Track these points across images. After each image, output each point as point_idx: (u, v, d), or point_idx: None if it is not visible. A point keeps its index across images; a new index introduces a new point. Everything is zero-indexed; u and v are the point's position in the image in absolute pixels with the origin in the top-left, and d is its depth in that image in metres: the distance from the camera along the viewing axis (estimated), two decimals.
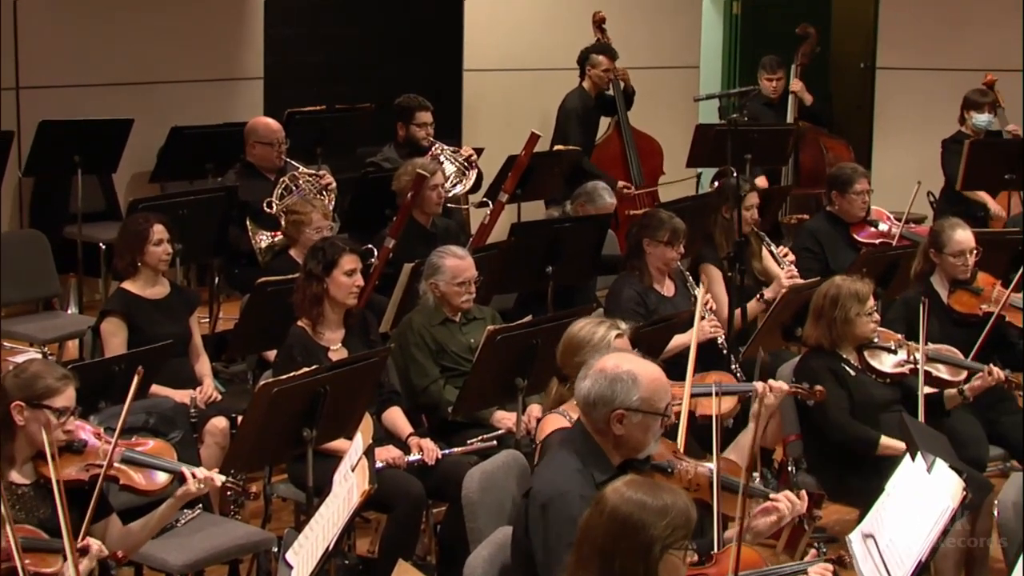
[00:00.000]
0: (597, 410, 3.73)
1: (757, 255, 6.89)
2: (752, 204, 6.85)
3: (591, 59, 9.24)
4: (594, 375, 3.76)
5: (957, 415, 5.57)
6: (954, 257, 6.07)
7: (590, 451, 3.74)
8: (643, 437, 3.74)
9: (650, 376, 3.76)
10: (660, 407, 3.74)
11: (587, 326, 4.51)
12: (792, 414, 5.43)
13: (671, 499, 3.10)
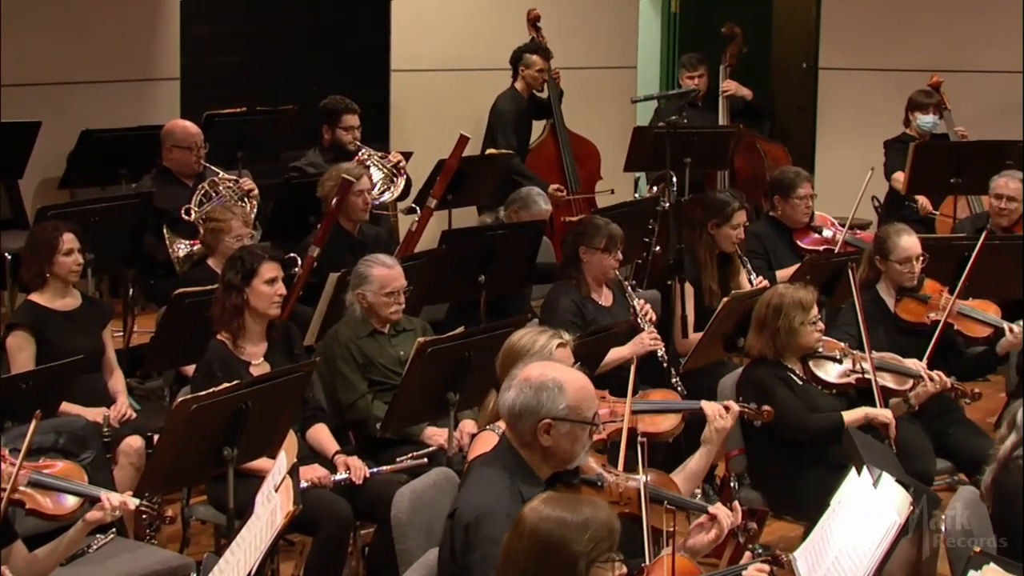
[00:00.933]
0: (523, 421, 3.73)
1: (736, 276, 6.92)
2: (739, 223, 6.88)
3: (525, 59, 9.26)
4: (518, 385, 3.76)
5: (904, 428, 5.63)
6: (900, 264, 6.14)
7: (517, 466, 3.74)
8: (571, 448, 3.74)
9: (576, 384, 3.76)
10: (588, 416, 3.75)
11: (528, 335, 4.51)
12: (734, 428, 5.44)
13: (591, 512, 3.11)
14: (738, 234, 6.84)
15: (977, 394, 5.66)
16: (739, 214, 6.82)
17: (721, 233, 6.79)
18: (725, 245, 6.81)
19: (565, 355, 4.48)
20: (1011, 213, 7.62)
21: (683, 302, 6.52)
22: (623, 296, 6.40)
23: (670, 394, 5.62)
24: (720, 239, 6.80)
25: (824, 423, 5.37)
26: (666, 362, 6.14)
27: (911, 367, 5.71)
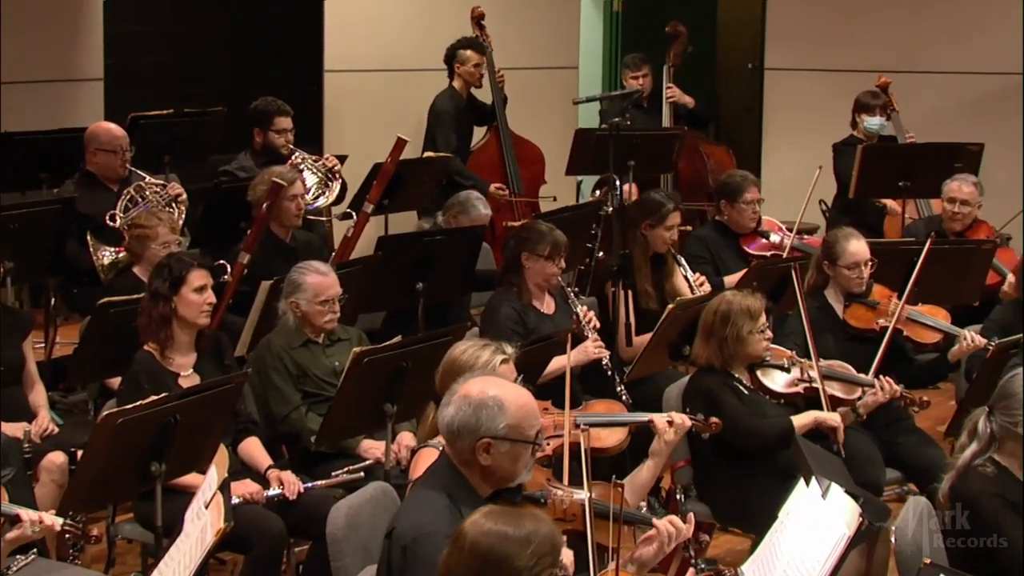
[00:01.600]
0: (462, 439, 3.73)
1: (670, 277, 6.96)
2: (675, 224, 6.91)
3: (459, 55, 9.25)
4: (458, 401, 3.76)
5: (853, 436, 5.67)
6: (848, 269, 6.19)
7: (457, 484, 3.73)
8: (512, 467, 3.74)
9: (518, 402, 3.76)
10: (529, 435, 3.75)
11: (470, 349, 4.52)
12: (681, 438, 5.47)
13: (533, 526, 3.12)
14: (672, 235, 6.89)
15: (926, 402, 5.71)
16: (674, 215, 6.87)
17: (655, 234, 6.84)
18: (658, 246, 6.86)
19: (508, 371, 4.48)
20: (964, 217, 7.71)
21: (627, 308, 6.55)
22: (565, 303, 6.42)
23: (615, 405, 5.63)
24: (654, 240, 6.84)
25: (773, 428, 5.40)
26: (610, 370, 6.16)
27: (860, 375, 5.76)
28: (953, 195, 7.71)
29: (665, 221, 6.84)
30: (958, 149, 8.48)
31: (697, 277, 6.92)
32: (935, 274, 6.66)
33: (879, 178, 8.43)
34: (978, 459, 4.32)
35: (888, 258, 6.58)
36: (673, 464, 5.55)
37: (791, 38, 11.16)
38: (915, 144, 8.94)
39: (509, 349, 4.58)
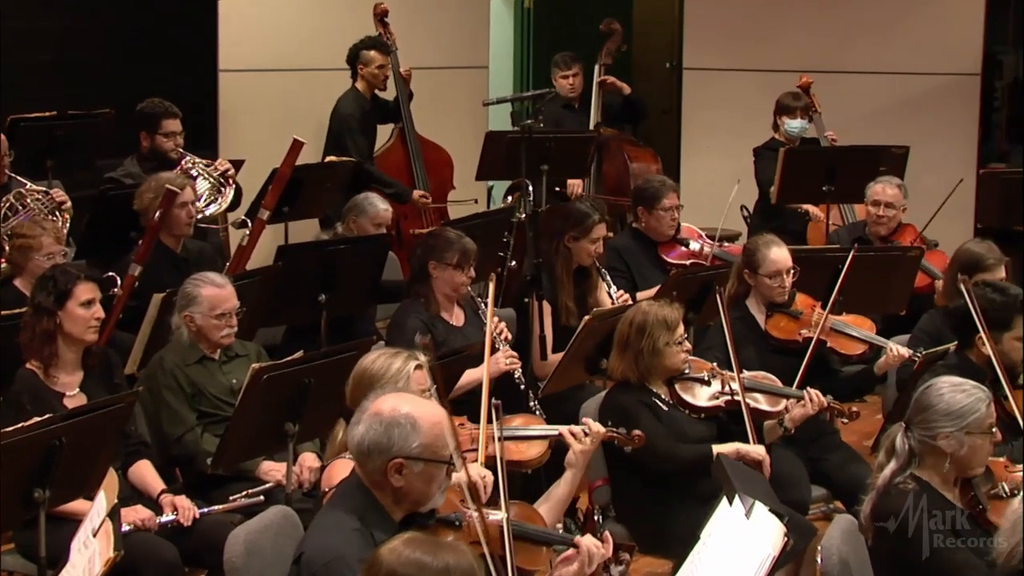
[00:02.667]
0: (373, 460, 3.72)
1: (594, 291, 6.97)
2: (599, 236, 6.92)
3: (362, 56, 9.23)
4: (368, 419, 3.75)
5: (778, 453, 5.73)
6: (770, 278, 6.25)
7: (368, 506, 3.72)
8: (426, 489, 3.74)
9: (432, 420, 3.76)
10: (444, 454, 3.75)
11: (381, 358, 4.51)
12: (598, 457, 5.50)
13: (453, 559, 3.11)
14: (596, 248, 6.90)
15: (856, 413, 5.76)
16: (599, 227, 6.89)
17: (579, 247, 6.85)
18: (583, 259, 6.87)
19: (421, 378, 4.48)
20: (889, 221, 7.81)
21: (541, 321, 6.55)
22: (476, 315, 6.42)
23: (532, 419, 5.64)
24: (578, 253, 6.86)
25: (692, 454, 5.43)
26: (523, 384, 6.17)
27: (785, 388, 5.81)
28: (877, 198, 7.81)
29: (590, 233, 6.86)
30: (883, 152, 8.60)
31: (621, 294, 6.94)
32: (860, 282, 6.73)
33: (802, 183, 8.51)
34: (899, 477, 4.38)
35: (811, 266, 6.64)
36: (590, 483, 5.57)
37: (710, 37, 11.26)
38: (838, 147, 9.05)
39: (422, 356, 4.58)
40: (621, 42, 10.09)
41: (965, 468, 4.40)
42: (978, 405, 4.37)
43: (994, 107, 11.23)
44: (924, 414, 4.39)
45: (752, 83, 10.82)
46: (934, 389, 4.42)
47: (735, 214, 9.06)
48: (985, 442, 4.39)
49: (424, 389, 4.52)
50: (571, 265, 6.86)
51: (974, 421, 4.35)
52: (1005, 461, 4.75)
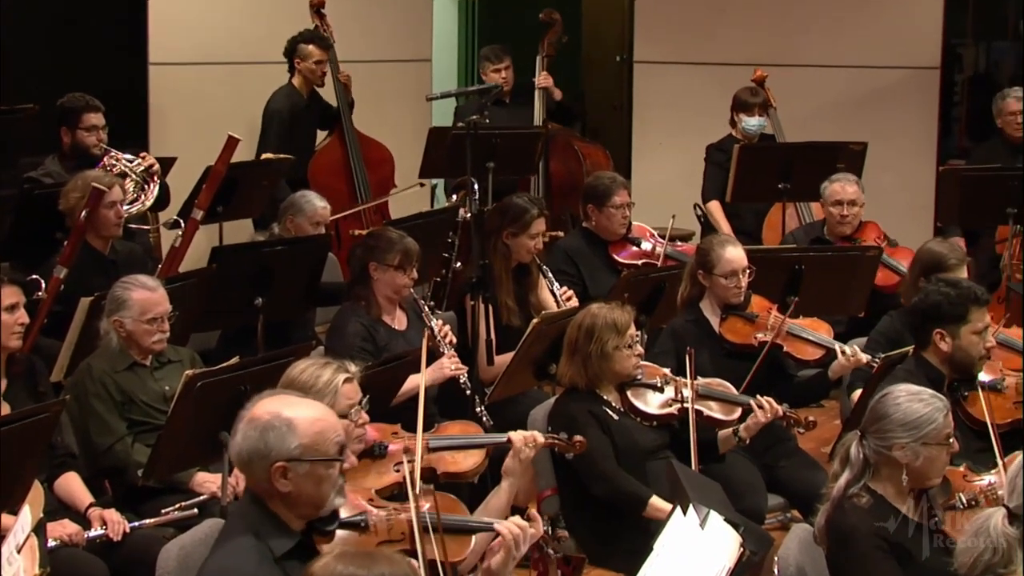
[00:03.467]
0: (254, 468, 3.70)
1: (534, 288, 6.97)
2: (539, 231, 6.93)
3: (300, 50, 9.20)
4: (243, 428, 3.72)
5: (732, 460, 5.75)
6: (725, 278, 6.27)
7: (262, 519, 3.69)
8: (317, 491, 3.71)
9: (310, 417, 3.73)
10: (329, 451, 3.72)
11: (310, 368, 4.51)
12: (547, 466, 5.51)
13: (388, 569, 3.11)
14: (536, 244, 6.92)
15: (812, 422, 5.78)
16: (538, 222, 6.91)
17: (518, 243, 6.87)
18: (522, 255, 6.89)
19: (351, 391, 4.50)
20: (854, 219, 7.85)
21: (488, 324, 6.55)
22: (419, 318, 6.41)
23: (471, 427, 5.62)
24: (516, 249, 6.87)
25: (630, 488, 5.38)
26: (470, 391, 6.17)
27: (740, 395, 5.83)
28: (838, 197, 7.84)
29: (529, 228, 6.87)
30: (840, 149, 8.65)
31: (564, 291, 6.96)
32: (818, 284, 6.78)
33: (757, 181, 8.56)
34: (852, 488, 4.40)
35: (768, 267, 6.67)
36: (539, 493, 5.57)
37: (661, 29, 11.29)
38: (795, 144, 9.09)
39: (353, 367, 4.58)
40: (562, 32, 10.08)
41: (921, 479, 4.42)
42: (935, 415, 4.40)
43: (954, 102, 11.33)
44: (880, 423, 4.41)
45: (705, 77, 10.86)
46: (890, 398, 4.44)
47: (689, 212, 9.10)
48: (942, 453, 4.42)
49: (353, 403, 4.52)
50: (510, 262, 6.87)
51: (931, 431, 4.37)
52: (964, 471, 4.79)
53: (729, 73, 10.14)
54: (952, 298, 5.52)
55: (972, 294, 5.53)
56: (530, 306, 6.90)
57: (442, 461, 5.09)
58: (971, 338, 5.47)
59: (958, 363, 5.49)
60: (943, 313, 5.51)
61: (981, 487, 4.71)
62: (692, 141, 9.72)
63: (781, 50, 10.64)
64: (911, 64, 10.54)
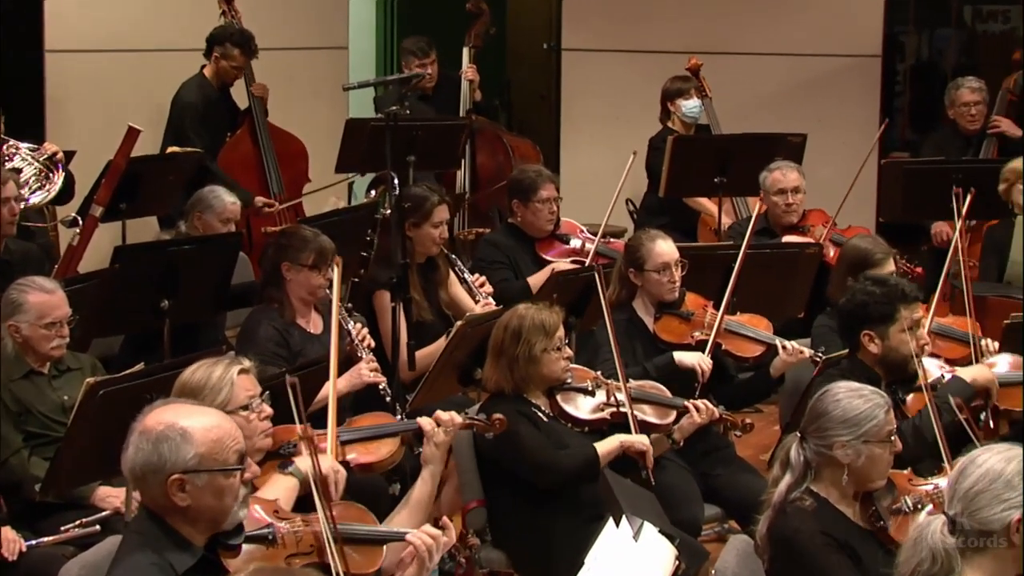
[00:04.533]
0: (149, 482, 3.68)
1: (444, 283, 6.96)
2: (442, 220, 6.92)
3: (227, 49, 9.13)
4: (136, 440, 3.71)
5: (668, 469, 5.77)
6: (657, 273, 6.29)
7: (161, 536, 3.66)
8: (219, 503, 3.70)
9: (206, 425, 3.72)
10: (228, 460, 3.71)
11: (201, 368, 4.52)
12: (473, 476, 5.50)
13: None
14: (441, 233, 6.92)
15: (749, 425, 5.83)
16: (439, 209, 6.90)
17: (421, 234, 6.86)
18: (428, 247, 6.88)
19: (248, 383, 4.52)
20: (799, 206, 7.90)
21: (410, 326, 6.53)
22: None
23: (382, 416, 5.60)
24: (421, 241, 6.87)
25: (574, 460, 5.45)
26: (389, 397, 6.15)
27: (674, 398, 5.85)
28: (781, 185, 7.86)
29: (431, 217, 6.86)
30: (779, 141, 8.71)
31: (476, 278, 6.95)
32: (755, 283, 6.80)
33: (692, 174, 8.59)
34: (794, 492, 4.42)
35: (703, 264, 6.70)
36: (464, 505, 5.57)
37: (591, 15, 11.31)
38: (731, 136, 9.12)
39: (246, 361, 4.58)
40: (490, 23, 10.09)
41: (864, 481, 4.45)
42: (876, 412, 4.43)
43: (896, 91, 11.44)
44: (819, 422, 4.43)
45: (637, 66, 10.89)
46: (830, 395, 4.47)
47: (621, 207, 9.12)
48: (884, 452, 4.45)
49: (252, 395, 4.52)
50: (415, 256, 6.84)
51: (872, 429, 4.40)
52: (909, 474, 4.82)
53: (662, 61, 10.18)
54: (878, 297, 5.53)
55: (899, 291, 5.55)
56: (440, 301, 6.90)
57: (355, 452, 5.12)
58: (901, 337, 5.49)
59: (891, 364, 5.50)
60: (870, 314, 5.52)
61: (927, 490, 4.74)
62: (623, 133, 9.76)
63: (717, 37, 10.70)
64: (851, 52, 10.64)
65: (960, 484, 3.58)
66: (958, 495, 3.57)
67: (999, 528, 3.51)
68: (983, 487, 3.54)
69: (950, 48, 11.55)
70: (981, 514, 3.52)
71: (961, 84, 9.36)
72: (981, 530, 3.53)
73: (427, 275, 6.93)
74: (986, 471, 3.57)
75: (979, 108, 9.27)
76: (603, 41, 11.23)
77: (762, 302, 6.90)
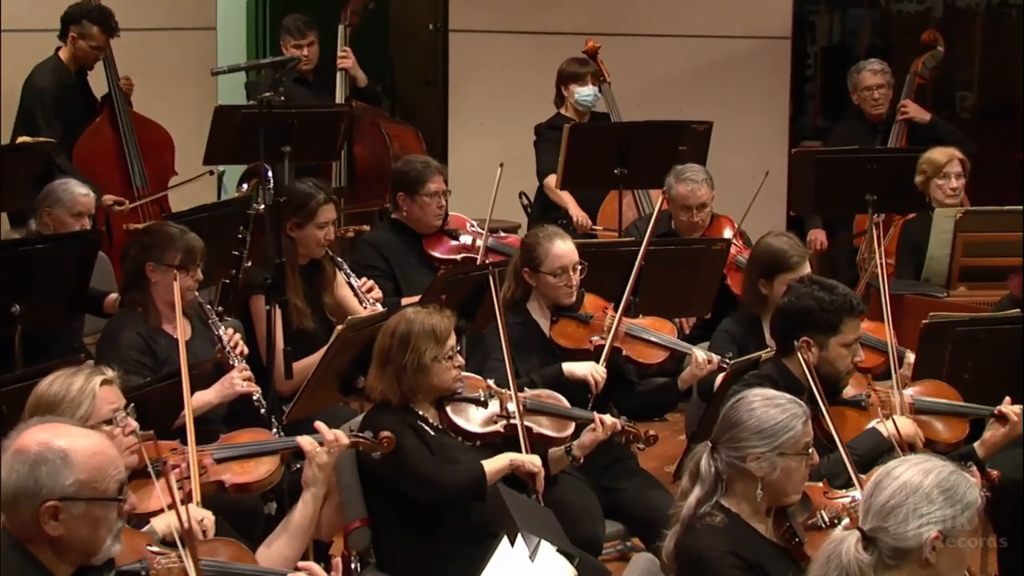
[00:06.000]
0: (21, 507, 3.64)
1: (329, 286, 6.91)
2: (328, 220, 6.87)
3: (84, 27, 9.02)
4: (9, 460, 3.66)
5: (566, 483, 5.77)
6: (554, 276, 6.29)
7: (22, 565, 3.62)
8: (93, 535, 3.67)
9: (89, 450, 3.69)
10: (109, 489, 3.69)
11: (59, 379, 4.47)
12: (355, 493, 5.48)
13: None
14: (327, 234, 6.87)
15: (653, 437, 5.84)
16: (325, 209, 6.85)
17: (304, 235, 6.81)
18: (311, 249, 6.83)
19: (111, 395, 4.49)
20: (703, 222, 7.88)
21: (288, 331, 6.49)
22: (205, 326, 6.33)
23: (261, 433, 5.57)
24: (304, 242, 6.82)
25: (459, 477, 5.44)
26: (264, 408, 6.10)
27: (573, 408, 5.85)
28: (687, 203, 7.79)
29: (316, 217, 6.81)
30: (682, 129, 8.73)
31: (364, 283, 6.92)
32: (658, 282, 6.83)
33: (590, 166, 8.59)
34: (704, 506, 4.43)
35: (603, 263, 6.71)
36: (346, 525, 5.54)
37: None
38: (632, 124, 9.13)
39: (109, 371, 4.55)
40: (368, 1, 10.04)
41: (779, 495, 4.48)
42: (793, 422, 4.45)
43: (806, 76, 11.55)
44: (733, 432, 4.45)
45: (530, 48, 10.91)
46: (744, 403, 4.49)
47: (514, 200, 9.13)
48: (801, 465, 4.48)
49: (116, 407, 4.47)
50: (297, 258, 6.79)
51: (788, 440, 4.42)
52: (824, 487, 4.85)
53: (557, 43, 10.20)
54: (825, 304, 5.48)
55: (848, 303, 5.50)
56: (325, 307, 6.85)
57: (230, 472, 5.08)
58: (839, 351, 5.48)
59: (822, 377, 5.42)
60: (813, 320, 5.47)
61: (844, 504, 4.78)
62: (515, 120, 9.75)
63: (616, 18, 10.74)
64: (759, 34, 10.72)
65: (875, 497, 3.61)
66: (873, 509, 3.60)
67: (915, 544, 3.55)
68: (899, 501, 3.58)
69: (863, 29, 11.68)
70: (897, 530, 3.56)
71: (863, 67, 9.45)
72: (896, 546, 3.56)
73: (310, 279, 6.87)
74: (903, 484, 3.60)
75: (883, 92, 9.38)
76: (493, 22, 11.24)
77: (666, 304, 6.94)
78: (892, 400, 5.66)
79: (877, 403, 5.67)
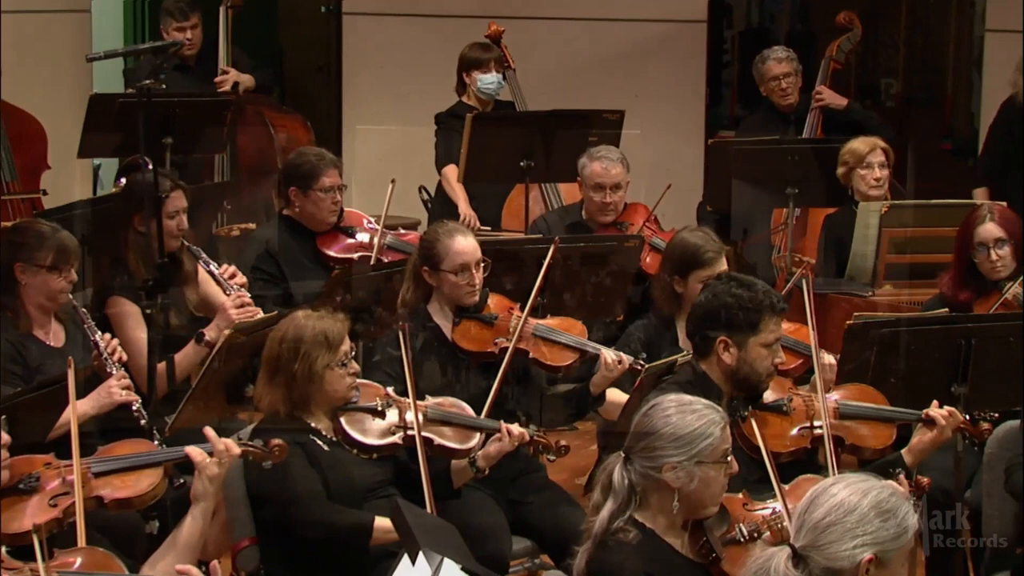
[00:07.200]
0: None
1: (192, 280, 6.86)
2: (177, 209, 6.82)
3: None
4: None
5: (471, 497, 5.76)
6: (455, 274, 6.28)
7: None
8: None
9: None
10: None
11: None
12: (244, 511, 5.44)
13: None
14: (179, 223, 6.82)
15: (564, 447, 5.83)
16: (175, 197, 6.79)
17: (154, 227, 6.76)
18: (166, 242, 6.78)
19: None
20: (617, 205, 7.92)
21: None
22: (79, 331, 6.27)
23: (141, 444, 5.52)
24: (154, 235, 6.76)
25: (348, 520, 5.41)
26: (144, 419, 6.05)
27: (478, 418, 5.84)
28: (600, 180, 7.87)
29: (165, 206, 6.75)
30: (592, 118, 8.74)
31: (225, 269, 6.86)
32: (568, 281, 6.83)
33: (494, 158, 8.59)
34: (617, 521, 4.43)
35: (508, 262, 6.71)
36: (235, 544, 5.51)
37: None
38: (538, 113, 9.13)
39: None
40: None
41: (696, 507, 4.48)
42: (711, 429, 4.46)
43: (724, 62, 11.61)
44: (647, 440, 4.45)
45: (430, 32, 10.90)
46: (658, 410, 4.49)
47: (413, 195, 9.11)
48: (720, 473, 4.49)
49: None
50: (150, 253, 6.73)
51: (706, 448, 4.43)
52: (744, 497, 4.87)
53: (458, 27, 10.20)
54: (744, 302, 5.48)
55: (768, 301, 5.50)
56: (189, 303, 6.80)
57: (110, 486, 5.04)
58: (759, 351, 5.49)
59: (742, 379, 5.47)
60: (732, 319, 5.47)
61: (764, 516, 4.80)
62: (414, 109, 9.73)
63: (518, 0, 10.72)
64: (673, 17, 10.76)
65: (810, 515, 3.63)
66: (807, 526, 3.62)
67: (848, 566, 3.57)
68: (834, 519, 3.60)
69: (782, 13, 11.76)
70: (830, 549, 3.58)
71: (767, 57, 9.48)
72: (828, 567, 3.58)
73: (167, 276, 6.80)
74: (839, 503, 3.62)
75: (790, 81, 9.42)
76: (390, 4, 11.22)
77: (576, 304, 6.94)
78: (816, 405, 5.68)
79: (800, 408, 5.69)
